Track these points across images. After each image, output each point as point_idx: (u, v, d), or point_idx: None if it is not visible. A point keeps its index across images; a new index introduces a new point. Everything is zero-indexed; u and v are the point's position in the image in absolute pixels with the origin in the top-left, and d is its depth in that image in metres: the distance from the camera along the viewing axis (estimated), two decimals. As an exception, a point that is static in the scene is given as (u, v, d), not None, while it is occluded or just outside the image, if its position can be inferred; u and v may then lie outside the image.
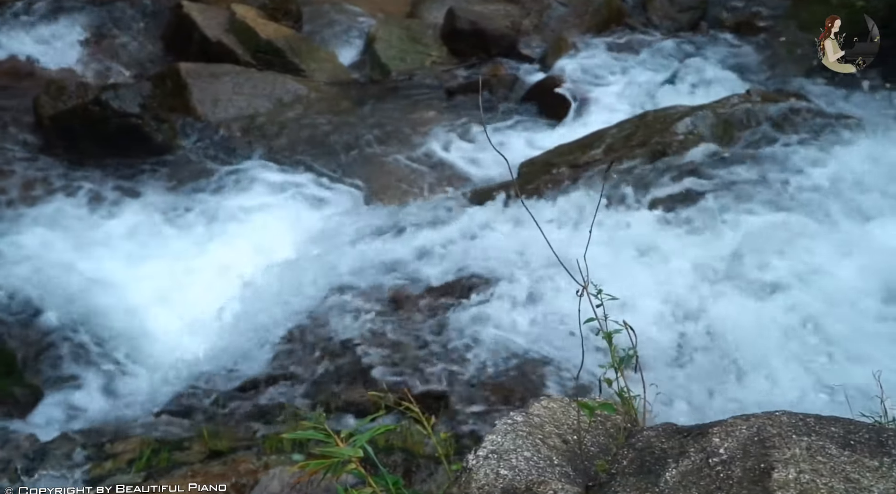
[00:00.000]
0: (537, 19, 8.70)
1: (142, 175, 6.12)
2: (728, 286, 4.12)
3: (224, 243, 5.43)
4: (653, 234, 4.56)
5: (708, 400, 3.56)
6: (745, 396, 3.46)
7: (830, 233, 4.43)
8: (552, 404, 2.15)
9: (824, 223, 4.50)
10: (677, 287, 4.15)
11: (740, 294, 4.08)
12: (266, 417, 3.87)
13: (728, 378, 3.65)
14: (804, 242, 4.33)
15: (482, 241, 4.74)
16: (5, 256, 5.20)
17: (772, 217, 4.55)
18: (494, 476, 1.78)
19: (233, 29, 7.90)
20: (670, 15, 8.68)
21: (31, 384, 4.31)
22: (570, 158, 5.52)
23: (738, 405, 3.33)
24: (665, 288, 4.15)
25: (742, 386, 3.57)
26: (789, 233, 4.40)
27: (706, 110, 5.45)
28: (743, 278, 4.18)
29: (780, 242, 4.33)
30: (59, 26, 7.80)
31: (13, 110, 6.61)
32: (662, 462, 1.67)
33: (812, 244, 4.32)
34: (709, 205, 4.67)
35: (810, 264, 4.20)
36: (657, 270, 4.28)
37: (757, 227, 4.47)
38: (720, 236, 4.44)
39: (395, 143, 6.59)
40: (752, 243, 4.35)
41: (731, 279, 4.17)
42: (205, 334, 4.71)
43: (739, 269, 4.23)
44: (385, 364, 4.04)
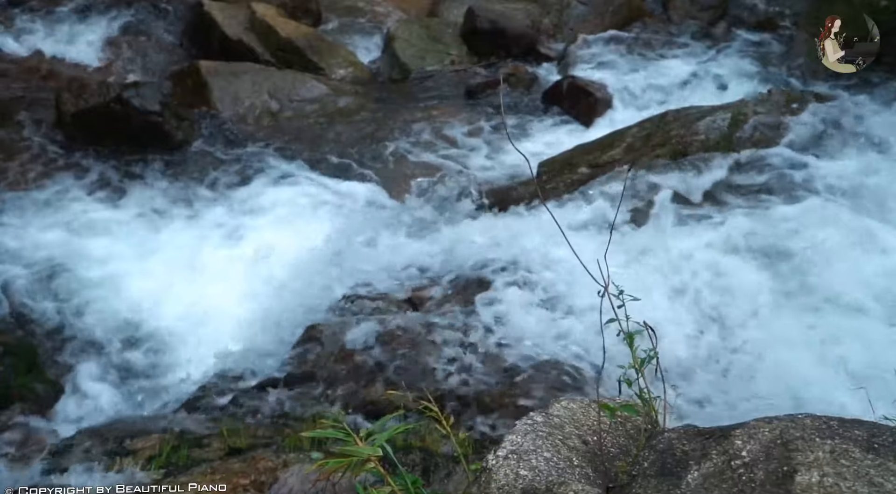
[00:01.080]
0: (557, 18, 8.68)
1: (162, 172, 6.15)
2: (749, 288, 4.10)
3: (244, 240, 5.45)
4: (673, 234, 4.53)
5: (728, 402, 3.54)
6: (767, 398, 3.43)
7: (855, 235, 4.39)
8: (572, 404, 2.14)
9: (848, 224, 4.46)
10: (698, 288, 4.12)
11: (762, 296, 4.05)
12: (284, 415, 3.87)
13: (749, 380, 3.62)
14: (828, 244, 4.30)
15: (502, 240, 4.72)
16: (27, 251, 5.24)
17: (794, 218, 4.51)
18: (514, 477, 1.78)
19: (253, 27, 7.93)
20: (691, 14, 8.64)
21: (52, 381, 4.34)
22: (589, 157, 5.50)
23: (758, 407, 3.30)
24: (685, 289, 4.12)
25: (763, 389, 3.54)
26: (813, 234, 4.37)
27: (727, 110, 5.42)
28: (766, 280, 4.14)
29: (804, 243, 4.30)
30: (81, 25, 7.86)
31: (36, 107, 6.66)
32: (684, 465, 1.66)
33: (837, 247, 4.28)
34: (730, 205, 4.64)
35: (834, 267, 4.16)
36: (677, 270, 4.25)
37: (779, 228, 4.44)
38: (741, 237, 4.41)
39: (414, 141, 6.59)
40: (775, 245, 4.32)
41: (752, 281, 4.14)
42: (223, 331, 4.73)
43: (761, 270, 4.20)
44: (403, 363, 4.03)
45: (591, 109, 6.99)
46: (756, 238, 4.39)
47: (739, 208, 4.67)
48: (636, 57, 7.83)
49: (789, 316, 3.93)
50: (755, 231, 4.44)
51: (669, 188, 4.90)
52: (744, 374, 3.67)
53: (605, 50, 7.95)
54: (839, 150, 5.18)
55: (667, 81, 7.30)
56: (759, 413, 1.82)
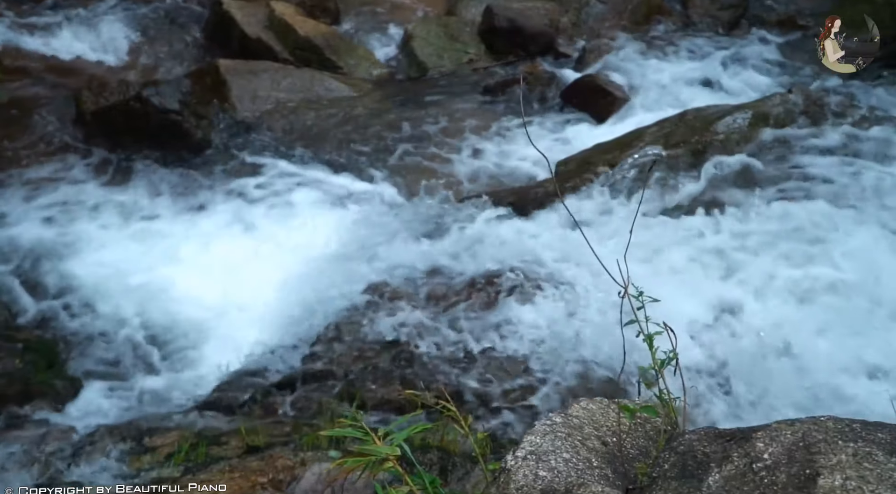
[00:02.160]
0: (575, 17, 8.65)
1: (181, 170, 6.18)
2: (771, 288, 4.07)
3: (261, 238, 5.47)
4: (692, 234, 4.51)
5: (749, 404, 3.52)
6: (787, 400, 3.41)
7: (878, 233, 4.35)
8: (591, 405, 2.13)
9: (871, 224, 4.43)
10: (717, 288, 4.10)
11: (783, 296, 4.02)
12: (302, 413, 3.88)
13: (769, 382, 3.60)
14: (851, 243, 4.26)
15: (520, 240, 4.71)
16: (46, 248, 5.28)
17: (815, 217, 4.48)
18: (533, 478, 1.77)
19: (272, 26, 7.94)
20: (710, 12, 8.59)
21: (72, 377, 4.37)
22: (608, 156, 5.47)
23: (779, 409, 3.28)
24: (705, 289, 4.10)
25: (784, 390, 3.51)
26: (834, 233, 4.34)
27: (747, 109, 5.38)
28: (786, 279, 4.12)
29: (825, 242, 4.27)
30: (102, 23, 7.90)
31: (57, 105, 6.70)
32: (705, 467, 1.65)
33: (859, 245, 4.25)
34: (750, 204, 4.61)
35: (857, 266, 4.13)
36: (697, 270, 4.23)
37: (800, 227, 4.41)
38: (762, 236, 4.39)
39: (432, 140, 6.59)
40: (796, 244, 4.29)
41: (774, 281, 4.11)
42: (241, 329, 4.74)
43: (783, 270, 4.17)
44: (421, 362, 4.04)
45: (610, 107, 6.96)
46: (777, 237, 4.37)
47: (760, 206, 4.63)
48: (655, 56, 7.79)
49: (810, 317, 3.90)
50: (776, 230, 4.42)
51: (689, 187, 4.87)
52: (763, 375, 3.64)
53: (623, 48, 7.92)
54: (861, 148, 5.14)
55: (686, 79, 7.26)
56: (780, 415, 1.81)
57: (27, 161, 6.13)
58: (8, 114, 6.54)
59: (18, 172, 5.99)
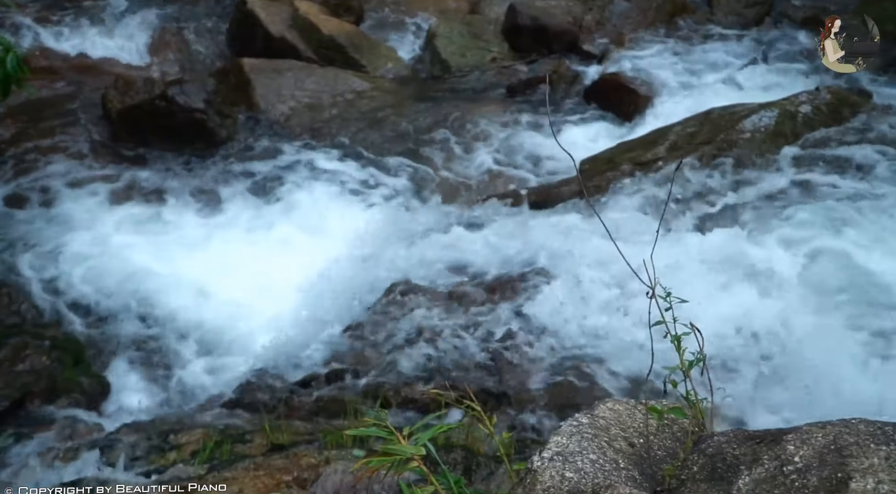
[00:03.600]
0: (599, 15, 8.61)
1: (205, 169, 6.21)
2: (797, 290, 4.02)
3: (285, 237, 5.49)
4: (718, 234, 4.47)
5: (775, 406, 3.48)
6: (815, 402, 3.37)
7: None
8: (618, 406, 2.12)
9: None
10: (744, 290, 4.06)
11: (810, 298, 3.97)
12: (326, 411, 3.89)
13: (796, 384, 3.56)
14: (878, 245, 4.21)
15: (544, 238, 4.70)
16: (74, 246, 5.32)
17: (843, 217, 4.43)
18: (560, 479, 1.76)
19: (295, 25, 7.96)
20: (735, 10, 8.52)
21: (98, 375, 4.40)
22: (632, 155, 5.44)
23: (806, 411, 3.24)
24: (731, 290, 4.06)
25: (812, 392, 3.47)
26: (863, 234, 4.28)
27: (774, 108, 5.32)
28: (814, 282, 4.06)
29: (852, 245, 4.22)
30: (127, 22, 7.95)
31: (83, 105, 6.76)
32: (734, 470, 1.63)
33: (887, 248, 4.19)
34: (776, 205, 4.57)
35: (885, 269, 4.07)
36: (723, 271, 4.19)
37: (828, 227, 4.36)
38: (788, 237, 4.34)
39: (455, 138, 6.58)
40: (823, 244, 4.24)
41: (801, 283, 4.06)
42: (265, 327, 4.76)
43: (811, 273, 4.12)
44: (444, 361, 4.03)
45: (634, 106, 6.92)
46: (804, 237, 4.32)
47: (786, 205, 4.59)
48: (679, 54, 7.73)
49: (839, 317, 3.85)
50: (803, 230, 4.37)
51: (715, 187, 4.83)
52: (791, 377, 3.61)
53: (647, 46, 7.87)
54: (888, 147, 5.08)
55: (711, 78, 7.21)
56: (808, 417, 1.79)
57: (54, 159, 6.18)
58: (36, 112, 6.60)
59: (45, 169, 6.04)
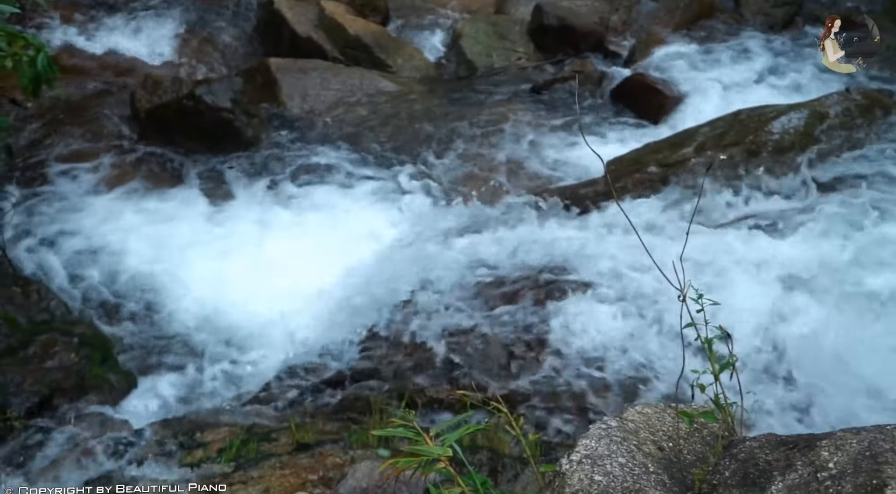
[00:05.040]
0: (626, 15, 8.56)
1: (232, 168, 6.24)
2: (827, 294, 3.96)
3: (310, 236, 5.50)
4: (747, 236, 4.43)
5: (806, 411, 3.44)
6: (848, 408, 3.33)
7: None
8: (647, 409, 2.11)
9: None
10: (775, 292, 4.01)
11: (841, 303, 3.92)
12: (351, 411, 3.89)
13: (829, 389, 3.51)
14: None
15: (569, 240, 4.67)
16: (102, 244, 5.37)
17: (873, 219, 4.37)
18: (589, 482, 1.75)
19: (322, 25, 7.99)
20: (764, 10, 8.44)
21: (126, 372, 4.43)
22: (659, 156, 5.40)
23: (839, 417, 3.20)
24: (760, 294, 4.01)
25: (842, 398, 3.42)
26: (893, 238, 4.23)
27: (803, 109, 5.27)
28: (845, 286, 4.00)
29: (887, 248, 4.16)
30: (155, 22, 8.00)
31: (112, 103, 6.81)
32: (767, 475, 1.61)
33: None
34: (807, 208, 4.52)
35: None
36: (752, 274, 4.15)
37: (857, 230, 4.30)
38: (820, 239, 4.29)
39: (481, 139, 6.57)
40: (856, 249, 4.18)
41: (831, 287, 4.00)
42: (291, 326, 4.78)
43: (841, 277, 4.05)
44: (470, 362, 4.02)
45: (661, 106, 6.88)
46: (836, 239, 4.27)
47: (817, 207, 4.53)
48: (707, 54, 7.68)
49: (874, 322, 3.80)
50: (835, 232, 4.32)
51: (744, 188, 4.79)
52: (823, 381, 3.56)
53: (674, 47, 7.82)
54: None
55: (739, 78, 7.15)
56: (841, 423, 1.77)
57: (83, 157, 6.23)
58: (65, 111, 6.66)
59: (74, 167, 6.09)
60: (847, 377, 3.54)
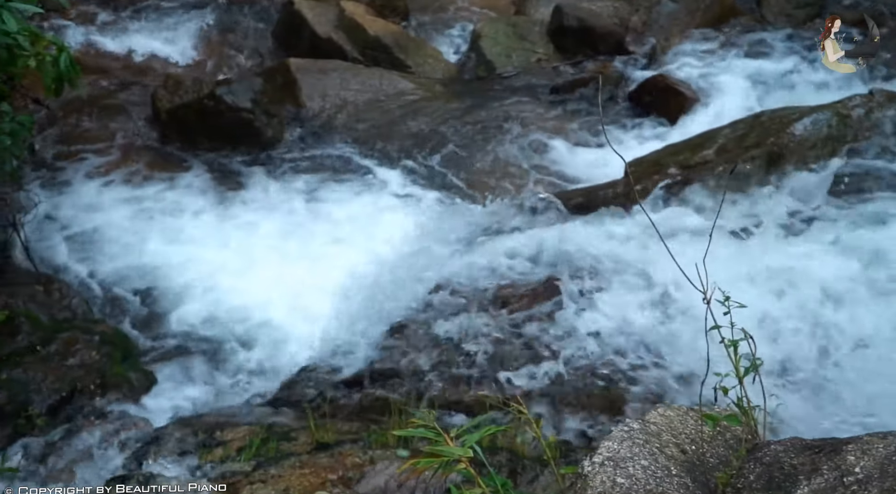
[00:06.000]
0: (646, 16, 8.52)
1: (252, 168, 6.26)
2: (852, 298, 3.93)
3: (329, 236, 5.51)
4: (769, 239, 4.40)
5: (832, 415, 3.41)
6: (874, 412, 3.29)
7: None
8: (669, 412, 2.10)
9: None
10: (798, 296, 3.98)
11: (867, 307, 3.88)
12: (370, 411, 3.89)
13: (854, 393, 3.48)
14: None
15: (589, 242, 4.65)
16: (121, 243, 5.40)
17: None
18: (611, 484, 1.75)
19: (342, 25, 8.00)
20: (786, 11, 8.39)
21: (146, 370, 4.46)
22: (679, 158, 5.37)
23: (865, 421, 3.17)
24: (784, 297, 3.98)
25: (871, 402, 3.39)
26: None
27: (826, 111, 5.21)
28: (869, 289, 3.97)
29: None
30: (176, 23, 8.05)
31: (132, 103, 6.86)
32: (793, 479, 1.60)
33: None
34: (830, 210, 4.48)
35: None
36: (775, 277, 4.12)
37: (885, 235, 4.25)
38: (842, 242, 4.25)
39: (500, 140, 6.56)
40: (881, 253, 4.14)
41: (855, 291, 3.97)
42: (310, 326, 4.79)
43: (866, 280, 4.02)
44: (488, 363, 4.02)
45: (681, 108, 6.84)
46: (860, 243, 4.22)
47: (841, 210, 4.49)
48: (728, 56, 7.63)
49: (895, 327, 3.77)
50: (858, 235, 4.27)
51: (763, 191, 4.75)
52: (849, 385, 3.53)
53: (695, 48, 7.78)
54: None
55: (760, 80, 7.10)
56: (867, 427, 1.75)
57: (104, 156, 6.28)
58: (87, 111, 6.71)
59: (96, 166, 6.14)
60: (873, 381, 3.51)
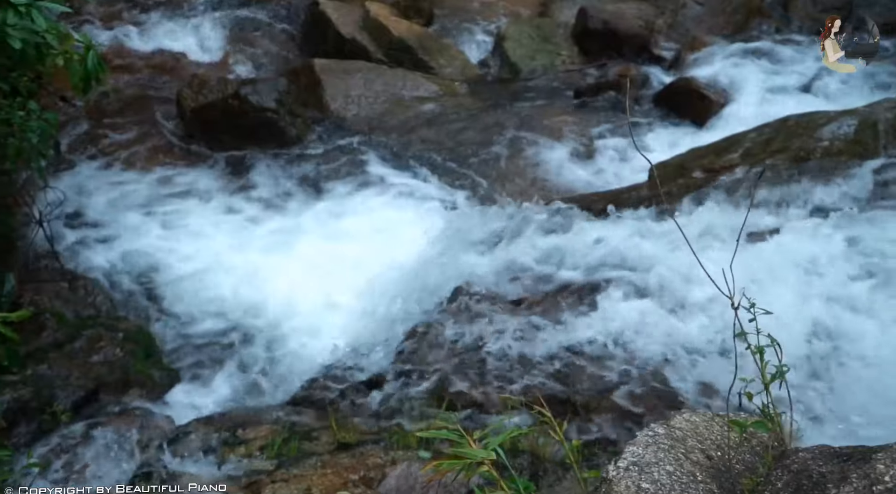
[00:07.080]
0: (671, 19, 8.49)
1: (275, 168, 6.29)
2: (879, 304, 3.87)
3: (352, 236, 5.52)
4: (796, 243, 4.35)
5: (858, 423, 3.37)
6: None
7: None
8: (694, 417, 2.08)
9: None
10: (825, 302, 3.93)
11: (893, 312, 3.83)
12: (391, 411, 3.89)
13: (883, 400, 3.44)
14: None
15: (613, 245, 4.62)
16: (145, 241, 5.44)
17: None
18: (636, 489, 1.74)
19: (366, 26, 8.03)
20: (812, 15, 8.32)
21: (169, 368, 4.48)
22: (704, 161, 5.33)
23: (891, 430, 3.13)
24: (811, 303, 3.94)
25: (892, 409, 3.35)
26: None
27: (854, 116, 5.16)
28: (890, 294, 3.92)
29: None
30: (201, 23, 8.10)
31: (158, 102, 6.92)
32: (821, 487, 1.58)
33: None
34: (857, 216, 4.43)
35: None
36: (802, 283, 4.07)
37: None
38: (870, 249, 4.20)
39: (523, 142, 6.55)
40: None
41: (883, 297, 3.91)
42: (332, 326, 4.81)
43: (892, 284, 3.97)
44: (511, 365, 4.00)
45: (706, 111, 6.81)
46: (887, 250, 4.17)
47: (868, 216, 4.44)
48: (753, 59, 7.58)
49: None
50: (885, 242, 4.22)
51: (791, 195, 4.71)
52: (877, 392, 3.49)
53: (721, 52, 7.72)
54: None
55: (786, 84, 7.05)
56: (889, 437, 1.73)
57: (128, 154, 6.33)
58: (113, 109, 6.77)
59: (121, 164, 6.19)
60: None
